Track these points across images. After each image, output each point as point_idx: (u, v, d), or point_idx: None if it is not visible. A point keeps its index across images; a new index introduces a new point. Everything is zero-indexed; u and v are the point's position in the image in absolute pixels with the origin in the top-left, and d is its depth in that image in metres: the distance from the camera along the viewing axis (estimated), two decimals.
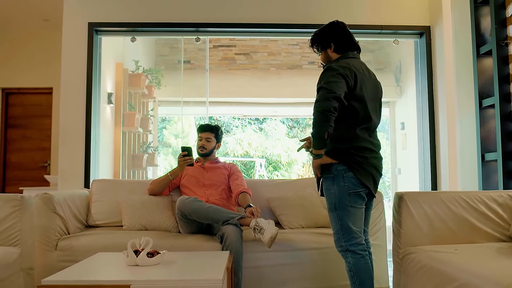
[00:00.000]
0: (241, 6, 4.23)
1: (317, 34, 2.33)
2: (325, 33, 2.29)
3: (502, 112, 3.16)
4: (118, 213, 3.00)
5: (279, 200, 3.01)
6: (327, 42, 2.26)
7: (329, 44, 2.26)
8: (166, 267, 1.88)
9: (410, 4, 4.32)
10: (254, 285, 2.61)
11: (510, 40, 3.17)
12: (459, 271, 1.67)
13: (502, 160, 3.13)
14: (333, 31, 2.28)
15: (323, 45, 2.29)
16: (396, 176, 6.72)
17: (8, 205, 2.23)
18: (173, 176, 2.97)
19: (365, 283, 2.10)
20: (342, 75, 2.05)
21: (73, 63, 4.13)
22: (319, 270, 2.64)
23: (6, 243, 2.19)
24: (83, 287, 1.65)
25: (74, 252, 2.53)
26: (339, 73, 2.06)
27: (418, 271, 1.97)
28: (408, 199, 2.22)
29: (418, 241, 2.17)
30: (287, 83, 7.10)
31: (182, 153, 2.86)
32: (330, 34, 2.27)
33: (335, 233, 2.16)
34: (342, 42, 2.25)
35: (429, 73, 4.29)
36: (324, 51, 2.29)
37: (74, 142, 4.08)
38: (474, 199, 2.25)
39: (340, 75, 2.05)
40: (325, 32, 2.29)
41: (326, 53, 2.29)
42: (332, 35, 2.27)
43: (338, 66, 2.11)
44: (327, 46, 2.27)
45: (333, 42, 2.25)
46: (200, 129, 3.10)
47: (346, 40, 2.26)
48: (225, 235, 2.50)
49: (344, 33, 2.27)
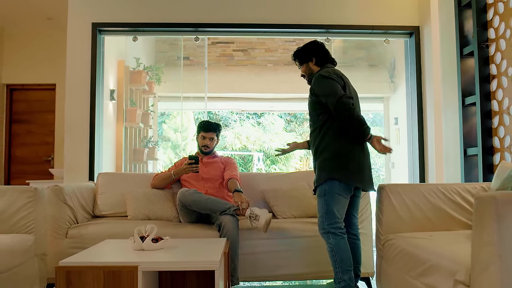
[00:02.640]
0: (238, 7, 4.41)
1: (300, 50, 2.69)
2: (307, 49, 2.66)
3: (483, 110, 3.37)
4: (123, 204, 3.20)
5: (273, 192, 3.22)
6: (309, 56, 2.63)
7: (311, 58, 2.63)
8: (169, 251, 2.09)
9: (400, 5, 4.51)
10: (250, 270, 2.82)
11: (491, 42, 3.36)
12: (430, 254, 1.88)
13: (482, 155, 3.33)
14: (315, 47, 2.66)
15: (305, 58, 2.65)
16: (390, 170, 6.89)
17: (23, 196, 2.42)
18: (176, 176, 3.16)
19: (345, 261, 2.39)
20: (332, 79, 2.42)
21: (77, 62, 4.31)
22: (309, 256, 2.85)
23: (22, 231, 2.39)
24: (96, 268, 1.86)
25: (83, 240, 2.74)
26: (330, 78, 2.42)
27: (397, 255, 2.18)
28: (389, 191, 2.42)
29: (398, 229, 2.38)
30: (284, 79, 7.23)
31: (189, 161, 3.01)
32: (312, 49, 2.65)
33: (320, 217, 2.44)
34: (322, 56, 2.63)
35: (418, 71, 4.49)
36: (306, 64, 2.64)
37: (79, 137, 4.27)
38: (450, 191, 2.46)
39: (331, 79, 2.41)
40: (307, 48, 2.66)
41: (308, 66, 2.65)
42: (314, 50, 2.64)
43: (326, 72, 2.46)
44: (309, 60, 2.64)
45: (314, 56, 2.62)
46: (204, 129, 3.22)
47: (325, 55, 2.64)
48: (222, 224, 2.70)
49: (323, 49, 2.65)
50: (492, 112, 3.35)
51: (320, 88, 2.44)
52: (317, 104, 2.49)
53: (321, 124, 2.48)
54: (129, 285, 1.85)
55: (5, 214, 2.39)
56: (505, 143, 3.18)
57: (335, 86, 2.41)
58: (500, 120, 3.26)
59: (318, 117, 2.50)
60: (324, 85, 2.43)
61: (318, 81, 2.46)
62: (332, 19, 4.44)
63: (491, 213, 1.43)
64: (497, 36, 3.28)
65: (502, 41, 3.22)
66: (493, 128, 3.33)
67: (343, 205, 2.44)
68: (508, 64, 3.15)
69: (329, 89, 2.40)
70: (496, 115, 3.31)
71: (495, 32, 3.30)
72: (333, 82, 2.42)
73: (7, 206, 2.40)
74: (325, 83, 2.43)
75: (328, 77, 2.43)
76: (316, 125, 2.52)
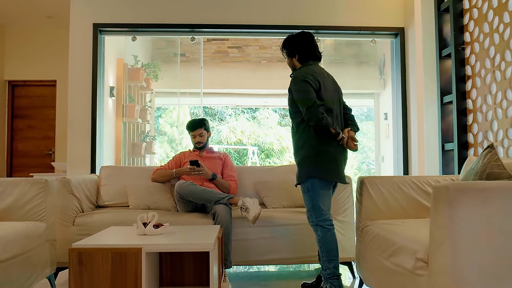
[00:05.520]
0: (232, 9, 4.65)
1: (287, 40, 2.77)
2: (293, 43, 2.74)
3: (459, 108, 3.63)
4: (124, 195, 3.45)
5: (264, 184, 3.47)
6: (293, 52, 2.73)
7: (294, 54, 2.72)
8: (169, 235, 2.34)
9: (386, 7, 4.75)
10: (242, 255, 3.08)
11: (467, 45, 3.62)
12: (399, 237, 2.13)
13: (457, 150, 3.60)
14: (300, 43, 2.71)
15: (290, 53, 2.75)
16: (380, 164, 7.11)
17: (35, 187, 2.66)
18: (177, 175, 3.39)
19: (331, 251, 2.61)
20: (307, 81, 2.53)
21: (79, 61, 4.53)
22: (296, 243, 3.11)
23: (34, 219, 2.62)
24: (105, 250, 2.10)
25: (89, 227, 2.99)
26: (305, 80, 2.53)
27: (372, 239, 2.44)
28: (367, 183, 2.68)
29: (375, 216, 2.63)
30: (277, 75, 7.42)
31: (191, 167, 3.23)
32: (296, 44, 2.72)
33: (307, 211, 2.65)
34: (305, 53, 2.70)
35: (403, 70, 4.75)
36: (290, 58, 2.76)
37: (81, 133, 4.51)
38: (422, 182, 2.72)
39: (306, 82, 2.53)
40: (293, 42, 2.74)
41: (291, 61, 2.76)
42: (298, 46, 2.71)
43: (302, 74, 2.58)
44: (292, 55, 2.74)
45: (297, 53, 2.71)
46: (191, 128, 3.44)
47: (310, 52, 2.71)
48: (217, 212, 2.94)
49: (309, 44, 2.71)
50: (467, 110, 3.61)
51: (295, 92, 2.56)
52: (294, 102, 2.60)
53: (299, 121, 2.61)
54: (134, 265, 2.10)
55: (19, 203, 2.63)
56: (478, 139, 3.44)
57: (308, 91, 2.50)
58: (474, 118, 3.52)
59: (295, 115, 2.63)
60: (298, 89, 2.54)
61: (294, 83, 2.58)
62: (321, 21, 4.69)
63: (444, 201, 1.69)
64: (472, 40, 3.53)
65: (477, 44, 3.47)
66: (468, 125, 3.59)
67: (327, 197, 2.64)
68: (481, 66, 3.40)
69: (302, 94, 2.51)
70: (470, 113, 3.57)
71: (470, 36, 3.55)
72: (307, 86, 2.50)
73: (21, 196, 2.63)
74: (299, 87, 2.54)
75: (303, 80, 2.53)
76: (294, 122, 2.66)
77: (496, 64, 3.20)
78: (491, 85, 3.26)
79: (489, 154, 2.30)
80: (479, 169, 2.28)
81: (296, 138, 2.66)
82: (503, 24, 3.12)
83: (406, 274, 1.96)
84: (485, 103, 3.35)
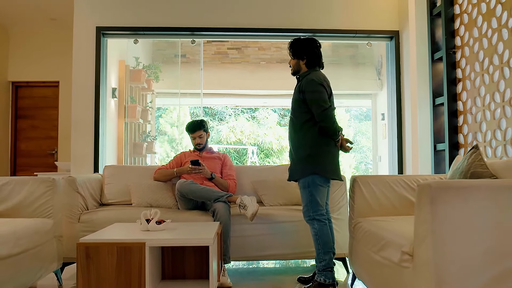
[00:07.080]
0: (231, 12, 4.78)
1: (297, 41, 2.83)
2: (303, 46, 2.79)
3: (450, 110, 3.76)
4: (127, 193, 3.58)
5: (261, 183, 3.60)
6: (302, 54, 2.79)
7: (303, 57, 2.79)
8: (171, 231, 2.47)
9: (381, 11, 4.87)
10: (240, 251, 3.20)
11: (458, 49, 3.74)
12: (387, 233, 2.26)
13: (448, 150, 3.73)
14: (310, 48, 2.79)
15: (298, 53, 2.80)
16: (377, 163, 7.24)
17: (43, 186, 2.79)
18: (178, 174, 3.51)
19: (327, 244, 2.75)
20: (323, 86, 2.69)
21: (82, 63, 4.66)
22: (293, 239, 3.24)
23: (42, 215, 2.75)
24: (110, 244, 2.23)
25: (93, 224, 3.11)
26: (321, 85, 2.68)
27: (363, 235, 2.57)
28: (360, 181, 2.81)
29: (367, 214, 2.76)
30: (277, 76, 7.53)
31: (192, 166, 3.35)
32: (307, 48, 2.78)
33: (304, 206, 2.77)
34: (314, 59, 2.80)
35: (398, 72, 4.88)
36: (297, 60, 2.81)
37: (85, 133, 4.64)
38: (412, 181, 2.85)
39: (322, 86, 2.68)
40: (304, 45, 2.80)
41: (298, 62, 2.82)
42: (308, 50, 2.79)
43: (318, 79, 2.71)
44: (300, 57, 2.80)
45: (306, 56, 2.79)
46: (191, 130, 3.55)
47: (317, 58, 2.82)
48: (216, 210, 3.06)
49: (317, 52, 2.82)
50: (458, 112, 3.74)
51: (311, 92, 2.67)
52: (303, 102, 2.70)
53: (304, 121, 2.73)
54: (138, 258, 2.23)
55: (27, 201, 2.75)
56: (468, 139, 3.57)
57: (324, 95, 2.66)
58: (464, 119, 3.65)
59: (301, 114, 2.73)
60: (315, 90, 2.67)
61: (310, 85, 2.68)
62: (318, 24, 4.81)
63: (427, 198, 1.81)
64: (463, 44, 3.66)
65: (467, 48, 3.60)
66: (459, 126, 3.72)
67: (324, 193, 2.79)
68: (471, 69, 3.53)
69: (318, 96, 2.66)
70: (461, 114, 3.70)
71: (461, 40, 3.68)
72: (323, 90, 2.66)
73: (29, 194, 2.76)
74: (316, 89, 2.67)
75: (320, 84, 2.67)
76: (298, 121, 2.77)
77: (485, 68, 3.33)
78: (480, 87, 3.39)
79: (473, 155, 2.44)
80: (464, 169, 2.42)
81: (298, 136, 2.77)
82: (491, 30, 3.25)
83: (393, 266, 2.09)
84: (474, 105, 3.48)
